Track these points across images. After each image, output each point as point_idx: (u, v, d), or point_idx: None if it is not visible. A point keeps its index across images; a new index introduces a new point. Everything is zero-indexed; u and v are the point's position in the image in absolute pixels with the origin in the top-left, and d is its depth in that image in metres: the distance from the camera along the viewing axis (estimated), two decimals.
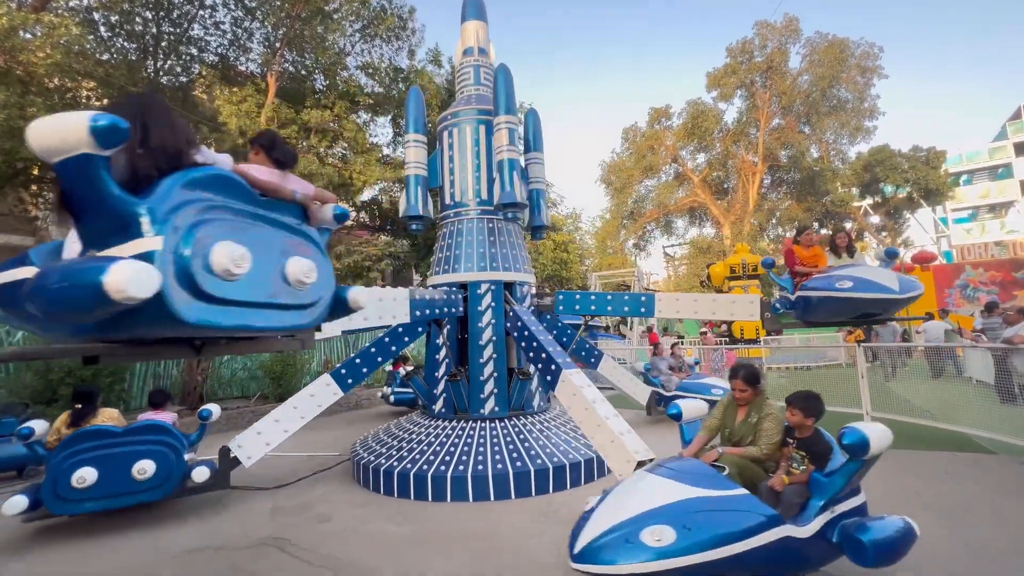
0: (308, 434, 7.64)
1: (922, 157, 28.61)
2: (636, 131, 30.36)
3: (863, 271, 4.73)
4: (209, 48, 11.31)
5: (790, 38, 26.30)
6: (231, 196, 1.90)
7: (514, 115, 5.74)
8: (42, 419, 5.92)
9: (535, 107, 7.52)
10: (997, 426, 5.64)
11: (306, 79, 12.19)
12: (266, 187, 2.11)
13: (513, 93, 5.85)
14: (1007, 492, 4.28)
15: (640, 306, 5.81)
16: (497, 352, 5.59)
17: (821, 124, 27.21)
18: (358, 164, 11.44)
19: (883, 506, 4.01)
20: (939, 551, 3.23)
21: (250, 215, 1.94)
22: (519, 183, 5.52)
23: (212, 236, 1.68)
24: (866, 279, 4.49)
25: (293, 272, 1.95)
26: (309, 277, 2.01)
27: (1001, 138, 38.89)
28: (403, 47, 13.02)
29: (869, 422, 2.64)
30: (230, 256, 1.67)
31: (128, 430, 4.20)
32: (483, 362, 5.54)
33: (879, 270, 4.55)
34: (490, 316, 5.67)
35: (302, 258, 2.00)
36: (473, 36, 6.73)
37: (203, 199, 1.77)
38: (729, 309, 5.43)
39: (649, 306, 5.67)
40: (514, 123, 5.69)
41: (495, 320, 5.66)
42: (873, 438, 2.43)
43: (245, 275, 1.75)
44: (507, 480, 4.50)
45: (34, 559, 3.69)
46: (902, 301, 4.19)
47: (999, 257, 27.94)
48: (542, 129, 6.72)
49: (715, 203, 29.37)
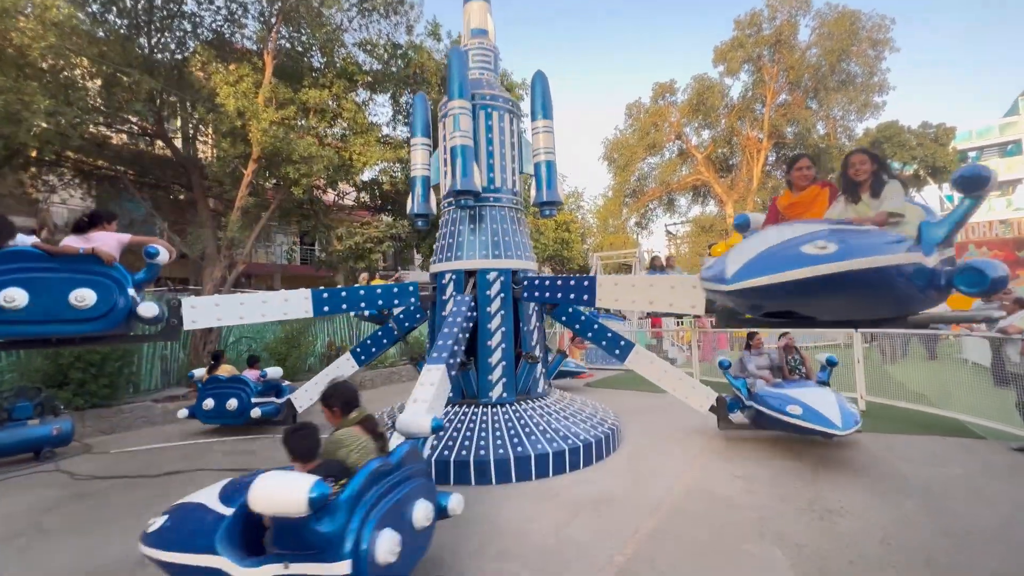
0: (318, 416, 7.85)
1: (931, 134, 28.07)
2: (640, 107, 29.75)
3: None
4: (203, 24, 11.06)
5: (800, 9, 25.48)
6: (22, 261, 3.52)
7: (551, 119, 6.31)
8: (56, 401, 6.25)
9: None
10: (988, 412, 5.76)
11: (303, 56, 11.94)
12: (50, 251, 3.67)
13: (550, 98, 6.35)
14: (992, 476, 4.41)
15: (584, 292, 5.47)
16: (506, 339, 5.70)
17: (829, 100, 26.59)
18: (357, 144, 11.32)
19: (871, 489, 4.17)
20: (921, 535, 3.36)
21: (37, 269, 3.55)
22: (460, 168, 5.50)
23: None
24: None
25: (72, 298, 3.61)
26: (84, 301, 3.63)
27: (1013, 113, 38.02)
28: (401, 22, 12.71)
29: (284, 475, 2.33)
30: (5, 297, 3.37)
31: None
32: (491, 348, 5.65)
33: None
34: (499, 304, 5.75)
35: (80, 288, 3.63)
36: (474, 17, 6.60)
37: None
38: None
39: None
40: (551, 127, 6.31)
41: (504, 309, 5.75)
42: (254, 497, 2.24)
43: (24, 305, 3.42)
44: (508, 464, 4.64)
45: (48, 539, 3.85)
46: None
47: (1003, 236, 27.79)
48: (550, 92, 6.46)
49: (719, 181, 29.02)
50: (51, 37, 6.59)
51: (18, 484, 5.08)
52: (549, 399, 5.95)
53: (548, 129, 6.31)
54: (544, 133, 6.29)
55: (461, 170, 5.46)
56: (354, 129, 11.72)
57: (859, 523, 3.58)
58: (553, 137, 6.34)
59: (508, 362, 5.66)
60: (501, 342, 5.67)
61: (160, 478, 5.14)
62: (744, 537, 3.44)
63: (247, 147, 9.72)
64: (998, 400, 5.85)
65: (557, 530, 3.64)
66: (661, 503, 4.07)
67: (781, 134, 27.13)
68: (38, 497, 4.69)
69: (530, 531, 3.64)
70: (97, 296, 3.71)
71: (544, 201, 6.34)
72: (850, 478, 4.49)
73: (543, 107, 6.31)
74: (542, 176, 6.30)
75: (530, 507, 4.07)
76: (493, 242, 5.87)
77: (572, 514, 3.91)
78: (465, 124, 5.51)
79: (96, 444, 6.58)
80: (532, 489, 4.46)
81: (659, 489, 4.38)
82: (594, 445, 5.11)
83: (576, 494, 4.33)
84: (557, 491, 4.40)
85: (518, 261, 5.96)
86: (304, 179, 9.83)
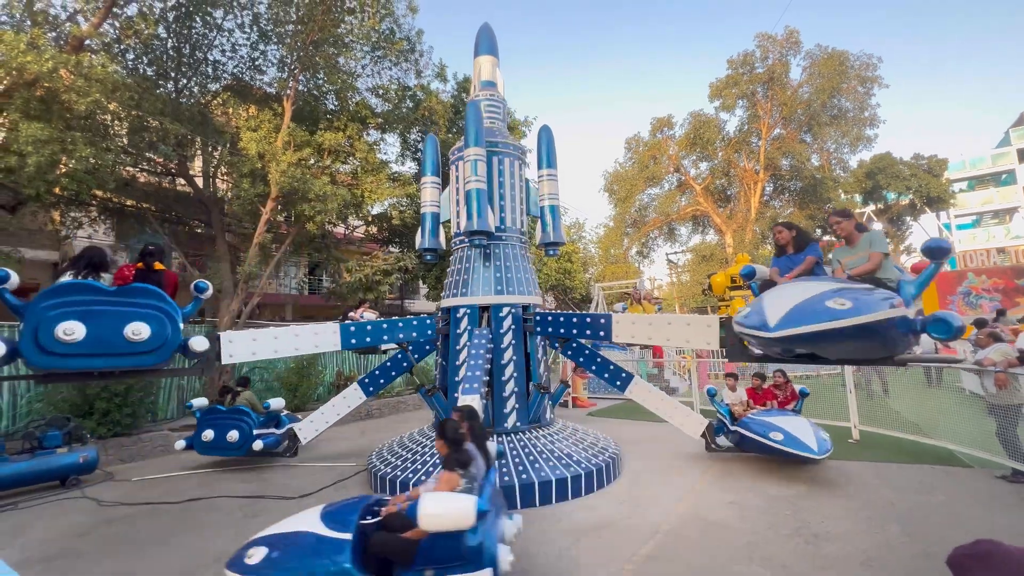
0: (326, 445, 8.10)
1: (923, 165, 28.83)
2: (639, 140, 30.77)
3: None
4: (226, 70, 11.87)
5: (791, 50, 26.67)
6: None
7: (555, 168, 6.88)
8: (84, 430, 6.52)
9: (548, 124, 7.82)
10: (976, 441, 5.98)
11: (319, 100, 12.73)
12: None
13: (554, 149, 6.97)
14: (973, 503, 4.64)
15: (600, 328, 5.84)
16: (517, 370, 6.04)
17: (822, 133, 27.52)
18: (368, 183, 11.94)
19: (857, 515, 4.41)
20: (901, 558, 3.60)
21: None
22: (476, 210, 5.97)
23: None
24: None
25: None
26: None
27: (1004, 144, 38.97)
28: (411, 68, 13.55)
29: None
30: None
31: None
32: (505, 380, 5.99)
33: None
34: (511, 337, 6.13)
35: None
36: (484, 70, 7.24)
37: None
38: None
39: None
40: (555, 175, 6.86)
41: (515, 340, 6.12)
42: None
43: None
44: (514, 492, 4.90)
45: (84, 561, 4.12)
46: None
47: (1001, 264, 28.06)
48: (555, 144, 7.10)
49: (717, 211, 29.68)
50: (96, 93, 7.22)
51: (49, 510, 5.36)
52: (554, 428, 6.23)
53: (552, 177, 6.86)
54: (548, 180, 6.83)
55: (477, 211, 5.93)
56: (365, 168, 12.36)
57: (843, 546, 3.82)
58: (557, 184, 6.89)
59: (520, 391, 6.01)
60: (513, 372, 6.02)
61: (181, 504, 5.40)
62: (734, 559, 3.68)
63: (266, 187, 10.30)
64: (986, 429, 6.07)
65: (561, 554, 3.89)
66: (658, 528, 4.32)
67: (777, 166, 27.92)
68: (70, 522, 4.97)
69: (536, 554, 3.89)
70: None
71: (550, 241, 6.81)
72: (838, 504, 4.72)
73: (548, 157, 6.90)
74: (547, 219, 6.80)
75: (536, 533, 4.31)
76: (507, 279, 6.33)
77: (575, 539, 4.16)
78: (481, 170, 6.03)
79: (117, 472, 6.85)
80: (537, 515, 4.71)
81: (657, 515, 4.63)
82: (595, 473, 5.36)
83: (578, 520, 4.58)
84: (560, 517, 4.64)
85: (527, 296, 6.43)
86: (319, 216, 10.37)
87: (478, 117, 6.24)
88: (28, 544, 4.43)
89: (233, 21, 11.07)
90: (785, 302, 3.33)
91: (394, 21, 12.11)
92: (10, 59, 6.78)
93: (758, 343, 3.60)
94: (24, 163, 6.87)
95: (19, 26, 8.22)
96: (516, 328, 6.15)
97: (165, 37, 10.34)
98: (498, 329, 6.11)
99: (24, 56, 6.76)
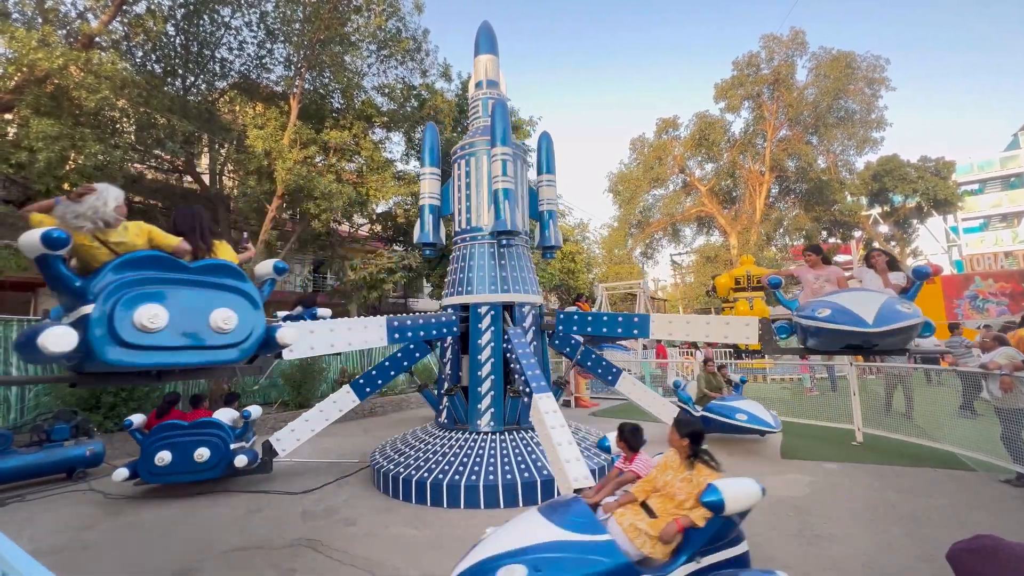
0: (329, 440, 8.15)
1: (931, 167, 28.68)
2: (644, 142, 30.73)
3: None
4: (233, 68, 11.96)
5: (796, 51, 26.58)
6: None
7: (508, 146, 6.14)
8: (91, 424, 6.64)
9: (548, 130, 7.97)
10: (980, 444, 5.96)
11: (325, 99, 12.79)
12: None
13: (553, 154, 6.85)
14: (976, 506, 4.62)
15: (634, 327, 5.96)
16: (495, 370, 6.00)
17: (828, 135, 27.40)
18: (373, 181, 12.00)
19: (860, 517, 4.40)
20: (902, 560, 3.60)
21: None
22: (509, 210, 5.93)
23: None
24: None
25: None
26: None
27: (1013, 147, 38.66)
28: (416, 67, 13.61)
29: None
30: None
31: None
32: (482, 378, 5.98)
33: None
34: (489, 336, 6.08)
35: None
36: (484, 70, 7.24)
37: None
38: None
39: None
40: (508, 154, 6.13)
41: (494, 340, 6.08)
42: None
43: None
44: (515, 489, 4.92)
45: (91, 552, 4.17)
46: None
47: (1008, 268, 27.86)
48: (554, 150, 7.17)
49: (722, 213, 29.61)
50: (105, 89, 7.30)
51: (56, 502, 5.43)
52: None
53: (551, 183, 6.92)
54: (547, 186, 6.88)
55: (510, 211, 5.92)
56: (371, 166, 12.42)
57: (845, 548, 3.82)
58: (555, 189, 6.96)
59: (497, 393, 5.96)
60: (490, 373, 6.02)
61: (186, 498, 5.45)
62: None
63: (272, 184, 10.37)
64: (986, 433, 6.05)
65: None
66: None
67: (782, 167, 27.82)
68: (77, 514, 5.03)
69: None
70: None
71: (549, 245, 6.85)
72: (841, 507, 4.72)
73: (547, 163, 6.94)
74: (547, 223, 6.83)
75: None
76: (522, 278, 6.37)
77: None
78: (511, 170, 6.02)
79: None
80: None
81: None
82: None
83: None
84: None
85: (538, 296, 6.57)
86: (324, 214, 10.43)
87: (505, 116, 6.19)
88: (36, 536, 4.48)
89: (240, 19, 11.15)
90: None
91: (400, 20, 12.15)
92: (21, 56, 6.87)
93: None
94: (34, 159, 6.97)
95: (30, 23, 8.32)
96: (496, 328, 6.15)
97: (173, 35, 10.44)
98: (476, 328, 6.13)
99: (35, 53, 6.85)
